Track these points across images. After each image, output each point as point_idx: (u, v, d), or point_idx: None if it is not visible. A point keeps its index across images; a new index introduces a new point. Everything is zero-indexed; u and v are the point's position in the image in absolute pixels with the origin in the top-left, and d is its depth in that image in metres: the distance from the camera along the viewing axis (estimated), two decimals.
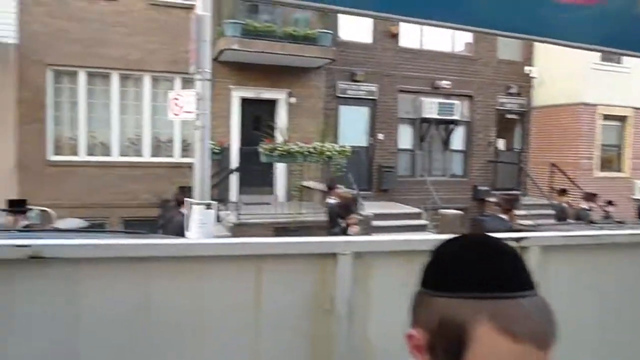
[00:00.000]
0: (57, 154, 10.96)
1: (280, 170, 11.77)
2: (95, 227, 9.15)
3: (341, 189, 8.33)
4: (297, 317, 1.63)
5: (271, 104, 12.09)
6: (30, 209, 6.87)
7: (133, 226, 10.11)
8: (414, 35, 13.49)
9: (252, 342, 1.58)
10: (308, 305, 1.64)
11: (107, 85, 11.18)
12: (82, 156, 11.06)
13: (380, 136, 13.42)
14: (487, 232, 0.96)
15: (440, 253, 0.85)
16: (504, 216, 6.16)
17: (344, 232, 5.83)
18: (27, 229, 6.07)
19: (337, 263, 1.65)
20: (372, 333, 1.72)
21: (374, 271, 1.73)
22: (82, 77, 10.99)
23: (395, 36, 13.30)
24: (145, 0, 11.21)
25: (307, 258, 1.64)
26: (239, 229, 9.55)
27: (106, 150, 11.26)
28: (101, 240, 1.45)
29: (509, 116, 15.14)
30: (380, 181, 13.24)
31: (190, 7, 8.52)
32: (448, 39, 13.98)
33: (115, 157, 11.25)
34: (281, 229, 9.70)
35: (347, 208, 5.60)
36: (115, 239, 1.84)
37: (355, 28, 12.87)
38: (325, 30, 11.32)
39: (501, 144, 15.14)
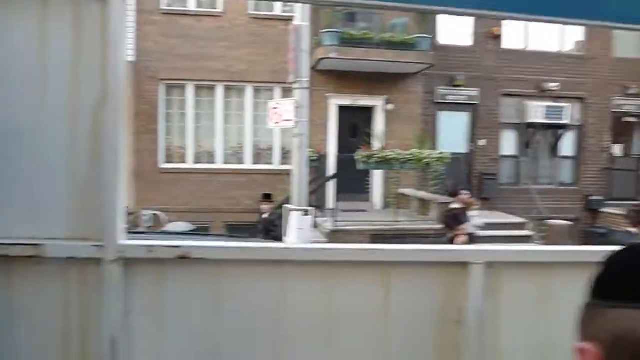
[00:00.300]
0: (167, 162, 11.77)
1: (376, 177, 11.72)
2: (201, 231, 9.64)
3: (466, 195, 7.98)
4: (425, 326, 1.59)
5: (368, 111, 12.10)
6: (131, 213, 7.39)
7: (235, 230, 10.53)
8: (518, 35, 12.84)
9: (379, 347, 1.57)
10: (437, 315, 1.60)
11: (212, 97, 11.83)
12: (190, 164, 11.80)
13: (482, 142, 12.90)
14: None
15: (615, 262, 0.78)
16: (633, 230, 5.59)
17: (450, 242, 5.62)
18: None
19: (468, 273, 1.59)
20: (504, 347, 1.65)
21: (506, 282, 1.65)
22: (190, 90, 11.72)
23: (497, 37, 12.75)
24: (247, 14, 11.73)
25: (437, 266, 1.60)
26: (335, 236, 9.60)
27: (211, 158, 11.91)
28: (244, 244, 1.50)
29: (627, 119, 13.85)
30: (481, 189, 12.69)
31: (289, 19, 8.76)
32: (556, 38, 13.13)
33: (219, 164, 11.87)
34: (377, 237, 9.61)
35: (456, 218, 5.37)
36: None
37: (455, 31, 12.51)
38: (424, 35, 11.13)
39: (617, 149, 13.89)
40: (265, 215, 8.78)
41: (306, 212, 7.24)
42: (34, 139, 1.44)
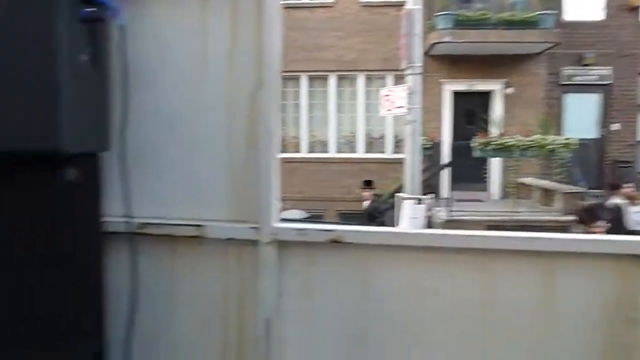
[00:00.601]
0: (283, 151, 12.18)
1: (494, 165, 11.19)
2: (314, 219, 9.86)
3: (629, 188, 7.27)
4: (593, 324, 1.45)
5: (485, 96, 11.57)
6: None
7: (347, 218, 10.64)
8: None
9: (539, 344, 1.46)
10: (607, 312, 1.45)
11: (324, 87, 12.02)
12: (304, 153, 12.14)
13: (615, 126, 11.74)
14: None
15: None
16: None
17: None
18: None
19: None
20: None
21: None
22: (304, 80, 12.01)
23: (635, 9, 11.45)
24: (358, 3, 11.71)
25: (608, 259, 1.44)
26: (449, 226, 9.32)
27: (324, 148, 12.15)
28: (396, 229, 1.48)
29: None
30: (615, 178, 11.56)
31: (400, 5, 8.57)
32: None
33: (332, 153, 12.08)
34: (494, 228, 9.17)
35: (593, 213, 4.87)
36: None
37: (584, 5, 11.44)
38: (547, 12, 10.33)
39: None
40: (366, 202, 8.76)
41: (419, 201, 7.11)
42: (194, 126, 1.53)
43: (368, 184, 8.91)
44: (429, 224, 8.47)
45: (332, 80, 11.96)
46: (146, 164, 1.55)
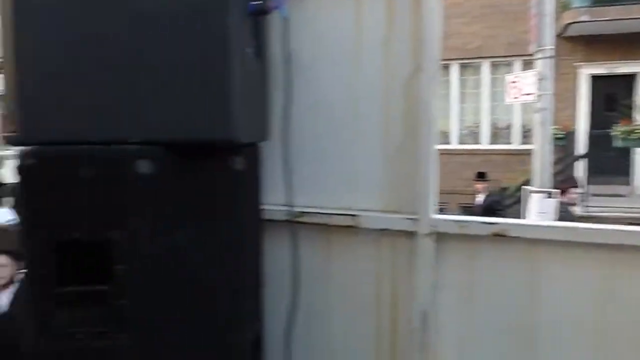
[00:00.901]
0: None
1: (639, 156, 10.06)
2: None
3: None
4: None
5: (628, 79, 10.49)
6: None
7: (469, 213, 10.21)
8: None
9: None
10: None
11: (446, 76, 11.63)
12: None
13: None
14: None
15: None
16: None
17: None
18: None
19: None
20: None
21: None
22: None
23: None
24: None
25: None
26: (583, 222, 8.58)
27: (446, 139, 11.77)
28: (565, 224, 1.37)
29: None
30: None
31: None
32: None
33: (454, 145, 11.67)
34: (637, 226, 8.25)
35: None
36: None
37: None
38: None
39: None
40: (479, 196, 8.32)
41: (549, 195, 6.64)
42: (349, 113, 1.53)
43: (481, 176, 8.50)
44: (562, 220, 7.90)
45: (454, 69, 11.54)
46: (302, 154, 1.58)
